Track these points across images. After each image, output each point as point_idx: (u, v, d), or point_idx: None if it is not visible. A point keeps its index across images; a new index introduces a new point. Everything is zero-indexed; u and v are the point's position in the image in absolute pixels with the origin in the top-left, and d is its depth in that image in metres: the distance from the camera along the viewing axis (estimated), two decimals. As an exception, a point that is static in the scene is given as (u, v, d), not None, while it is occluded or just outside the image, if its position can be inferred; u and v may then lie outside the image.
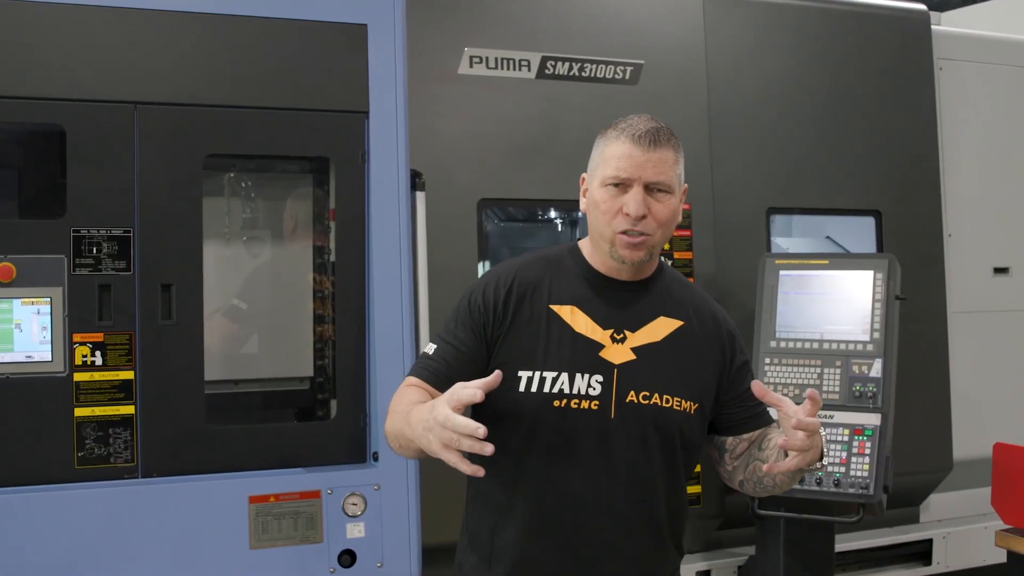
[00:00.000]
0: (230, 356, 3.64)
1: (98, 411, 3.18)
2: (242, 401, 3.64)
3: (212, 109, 3.32)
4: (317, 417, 3.58)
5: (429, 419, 2.16)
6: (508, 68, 4.15)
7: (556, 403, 2.40)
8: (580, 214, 4.10)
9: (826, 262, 4.26)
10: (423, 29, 3.95)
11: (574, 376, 2.41)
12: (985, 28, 5.58)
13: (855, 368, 4.06)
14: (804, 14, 4.82)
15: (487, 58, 4.12)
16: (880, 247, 4.86)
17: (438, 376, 2.43)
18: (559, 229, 4.79)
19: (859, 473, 3.88)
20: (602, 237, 2.44)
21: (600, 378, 2.41)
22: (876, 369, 4.02)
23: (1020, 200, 5.36)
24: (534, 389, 2.41)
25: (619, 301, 2.49)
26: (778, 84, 4.74)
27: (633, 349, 2.44)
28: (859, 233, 5.03)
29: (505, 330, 2.45)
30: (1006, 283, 5.27)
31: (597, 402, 2.41)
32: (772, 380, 4.14)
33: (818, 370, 4.10)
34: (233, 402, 3.61)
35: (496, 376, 2.20)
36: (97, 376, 3.19)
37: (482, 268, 4.12)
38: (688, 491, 4.23)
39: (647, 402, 2.42)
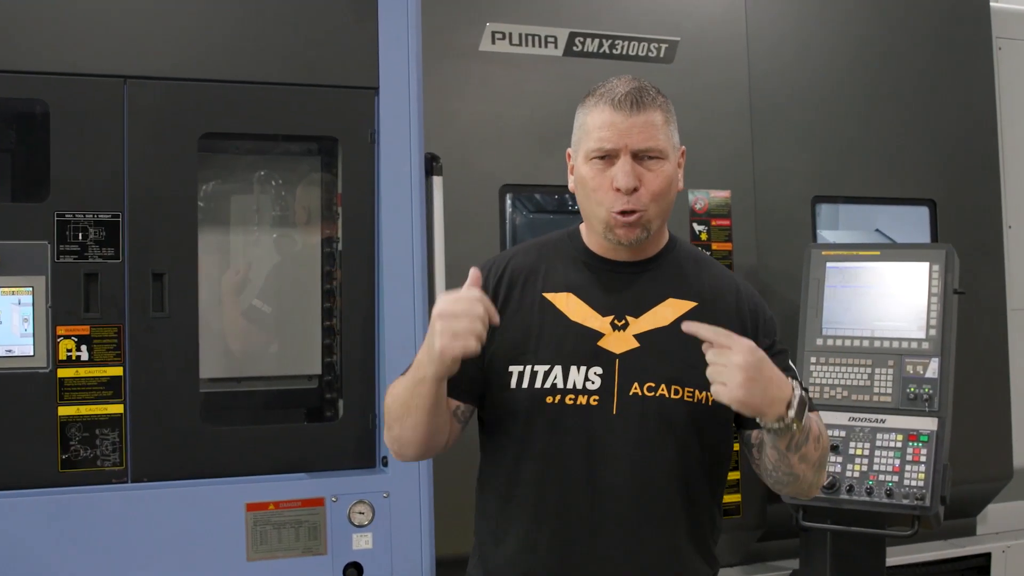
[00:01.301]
0: (232, 352, 3.42)
1: (84, 410, 2.98)
2: (245, 400, 3.42)
3: (208, 84, 3.10)
4: (326, 418, 3.35)
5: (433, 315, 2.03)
6: (533, 45, 3.89)
7: (549, 399, 2.19)
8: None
9: (877, 253, 3.96)
10: (441, 2, 3.69)
11: (568, 369, 2.20)
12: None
13: (909, 368, 3.76)
14: (854, -13, 4.54)
15: (511, 34, 3.85)
16: (935, 239, 4.57)
17: None
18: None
19: (914, 482, 3.58)
20: (595, 218, 2.22)
21: (599, 370, 2.20)
22: (932, 369, 3.72)
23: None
24: (525, 385, 2.21)
25: (621, 284, 2.26)
26: (825, 63, 4.45)
27: (636, 336, 2.22)
28: (911, 226, 4.73)
29: (498, 324, 2.20)
30: (1070, 278, 4.95)
31: (597, 397, 2.19)
32: (818, 381, 3.85)
33: (868, 370, 3.80)
34: (235, 401, 3.39)
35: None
36: (83, 372, 2.98)
37: (504, 258, 3.87)
38: (726, 500, 4.03)
39: (652, 394, 2.19)
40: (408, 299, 3.20)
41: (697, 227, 4.07)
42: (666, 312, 2.25)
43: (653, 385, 2.20)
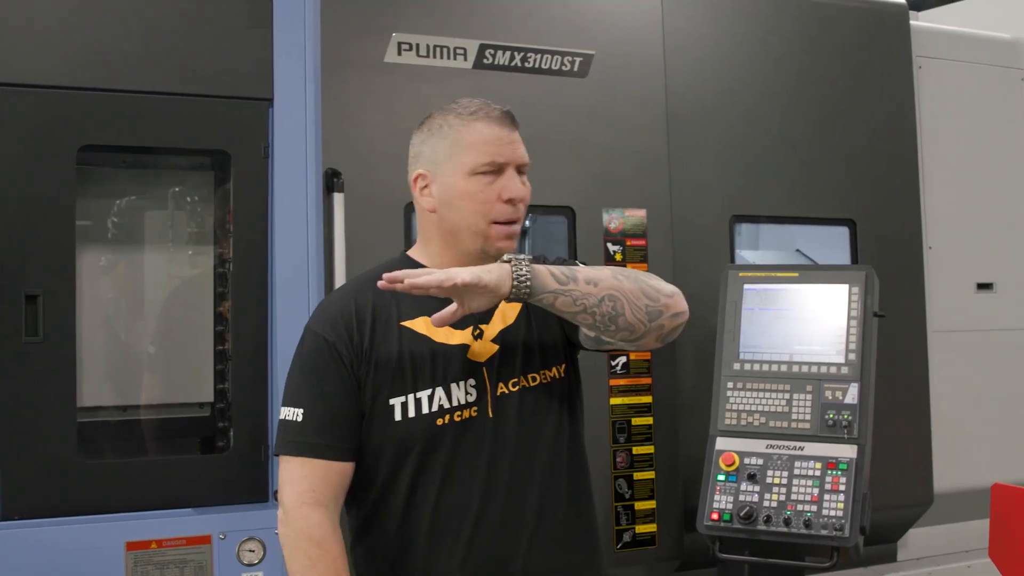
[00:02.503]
0: (116, 378, 3.22)
1: (-52, 443, 2.75)
2: (130, 431, 3.21)
3: (88, 93, 2.92)
4: (218, 449, 3.15)
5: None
6: (442, 57, 3.73)
7: (439, 421, 2.29)
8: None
9: (796, 275, 3.85)
10: (343, 9, 3.51)
11: (449, 388, 2.31)
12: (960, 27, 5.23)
13: (828, 394, 3.65)
14: (773, 4, 4.43)
15: (418, 45, 3.69)
16: (855, 259, 4.48)
17: (334, 451, 2.28)
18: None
19: (833, 512, 3.45)
20: (473, 231, 2.31)
21: (473, 381, 2.33)
22: (852, 395, 3.61)
23: (1003, 210, 5.00)
24: (411, 414, 2.29)
25: None
26: (744, 80, 4.34)
27: (494, 340, 2.36)
28: (833, 247, 4.65)
29: (370, 363, 2.30)
30: (990, 300, 4.90)
31: (476, 408, 2.32)
32: (735, 407, 3.72)
33: (787, 395, 3.68)
34: (119, 432, 3.18)
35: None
36: (-53, 402, 2.75)
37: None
38: (641, 530, 3.91)
39: (516, 389, 2.35)
40: (303, 323, 3.01)
41: (612, 247, 3.94)
42: (508, 310, 2.39)
43: (516, 380, 2.35)
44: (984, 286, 4.90)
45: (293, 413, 2.28)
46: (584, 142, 3.93)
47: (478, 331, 2.35)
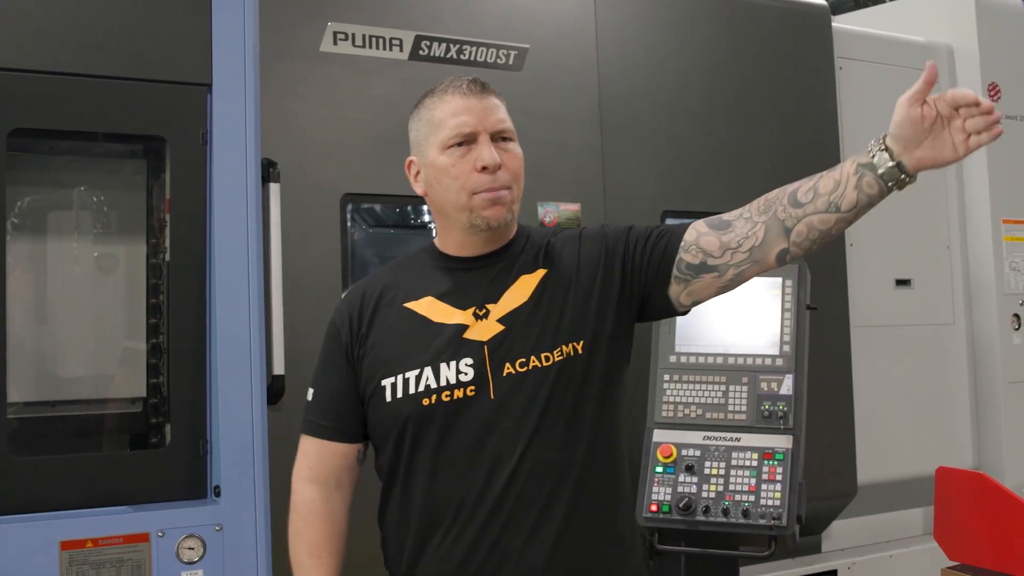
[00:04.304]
0: (45, 373, 3.10)
1: None
2: (61, 427, 3.10)
3: (20, 75, 2.80)
4: (152, 444, 3.06)
5: None
6: (378, 47, 3.69)
7: (425, 401, 2.22)
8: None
9: (730, 268, 3.88)
10: (280, -3, 3.47)
11: (438, 367, 2.23)
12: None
13: (764, 385, 3.69)
14: (702, 4, 4.48)
15: (354, 35, 3.65)
16: (781, 255, 4.54)
17: (331, 431, 2.34)
18: (434, 235, 4.31)
19: (770, 502, 3.49)
20: (457, 207, 2.25)
21: (470, 360, 2.22)
22: (787, 386, 3.66)
23: (920, 209, 5.13)
24: (400, 395, 2.24)
25: (476, 277, 2.31)
26: (674, 77, 4.39)
27: (499, 320, 2.25)
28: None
29: (365, 346, 2.30)
30: (908, 296, 5.03)
31: (473, 387, 2.21)
32: (672, 399, 3.74)
33: (723, 387, 3.72)
34: (50, 428, 3.07)
35: None
36: None
37: (346, 271, 3.64)
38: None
39: (525, 369, 2.21)
40: (243, 315, 2.94)
41: (547, 241, 3.93)
42: (521, 289, 2.28)
43: (524, 360, 2.22)
44: (902, 282, 5.02)
45: (310, 393, 2.38)
46: (520, 135, 3.89)
47: (483, 311, 2.26)
